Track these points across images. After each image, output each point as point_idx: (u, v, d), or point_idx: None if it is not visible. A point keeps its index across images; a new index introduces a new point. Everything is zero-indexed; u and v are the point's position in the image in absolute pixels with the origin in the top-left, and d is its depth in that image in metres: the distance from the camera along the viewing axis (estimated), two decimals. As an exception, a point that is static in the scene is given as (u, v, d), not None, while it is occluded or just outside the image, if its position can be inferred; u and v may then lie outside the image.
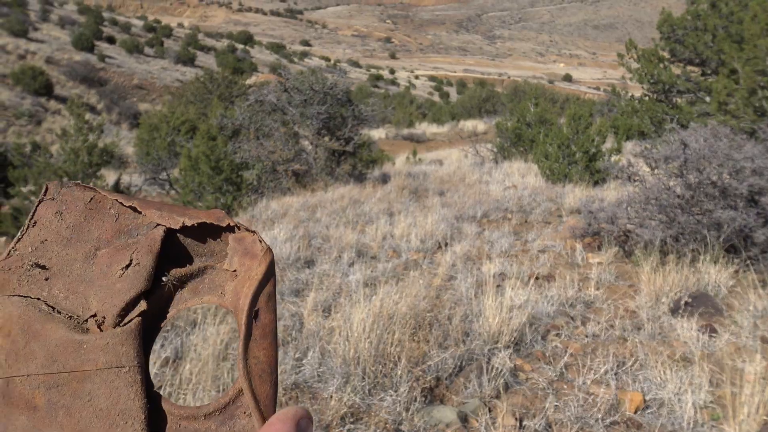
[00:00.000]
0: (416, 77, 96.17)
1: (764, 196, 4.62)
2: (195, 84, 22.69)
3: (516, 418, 2.78)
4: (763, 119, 7.91)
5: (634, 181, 5.75)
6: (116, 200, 0.37)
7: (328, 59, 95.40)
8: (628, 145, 12.56)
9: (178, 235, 0.37)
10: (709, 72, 10.96)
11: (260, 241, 0.35)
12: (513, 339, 3.60)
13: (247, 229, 0.36)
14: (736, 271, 4.77)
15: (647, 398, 3.03)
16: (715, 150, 4.94)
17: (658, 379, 3.15)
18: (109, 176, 10.23)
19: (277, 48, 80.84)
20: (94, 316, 0.35)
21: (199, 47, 53.42)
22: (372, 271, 5.07)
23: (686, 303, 4.13)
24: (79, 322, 0.35)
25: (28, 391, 0.33)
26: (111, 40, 42.93)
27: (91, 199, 0.37)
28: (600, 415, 2.84)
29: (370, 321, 3.32)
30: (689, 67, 11.42)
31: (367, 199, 8.51)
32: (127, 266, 0.35)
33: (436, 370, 3.17)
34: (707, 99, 10.49)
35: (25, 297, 0.35)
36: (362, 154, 11.24)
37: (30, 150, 10.84)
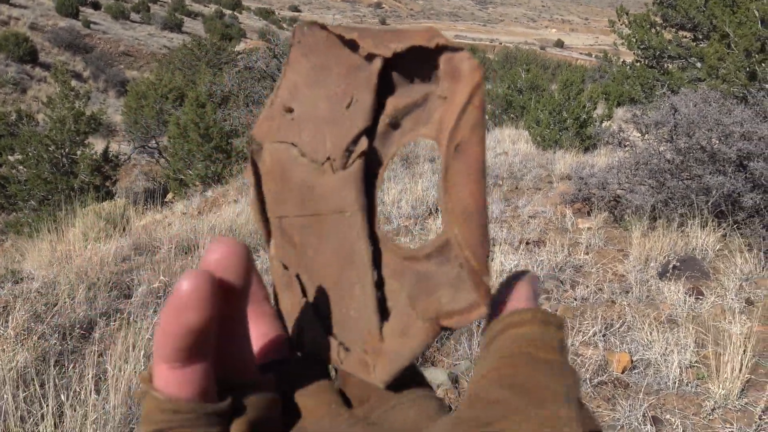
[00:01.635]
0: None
1: (752, 161, 4.64)
2: (182, 51, 22.34)
3: (506, 379, 2.83)
4: (755, 83, 7.91)
5: (625, 146, 5.76)
6: (344, 35, 0.34)
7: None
8: (619, 112, 12.55)
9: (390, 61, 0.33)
10: (701, 37, 10.91)
11: (468, 59, 0.29)
12: (503, 303, 3.64)
13: (455, 48, 0.30)
14: (724, 236, 4.82)
15: (634, 359, 3.10)
16: (705, 115, 4.94)
17: (645, 340, 3.21)
18: (98, 144, 10.12)
19: (266, 14, 79.41)
20: (329, 159, 0.34)
21: (187, 13, 52.37)
22: (363, 238, 5.08)
23: (674, 267, 4.18)
24: (317, 166, 0.35)
25: (290, 229, 0.36)
26: (96, 6, 42.00)
27: (326, 37, 0.35)
28: (588, 375, 2.90)
29: (362, 286, 3.34)
30: (681, 33, 11.35)
31: (358, 166, 8.48)
32: (349, 105, 0.34)
33: (427, 334, 3.21)
34: (698, 65, 10.46)
35: (283, 142, 0.36)
36: (353, 121, 11.16)
37: (15, 118, 10.68)
